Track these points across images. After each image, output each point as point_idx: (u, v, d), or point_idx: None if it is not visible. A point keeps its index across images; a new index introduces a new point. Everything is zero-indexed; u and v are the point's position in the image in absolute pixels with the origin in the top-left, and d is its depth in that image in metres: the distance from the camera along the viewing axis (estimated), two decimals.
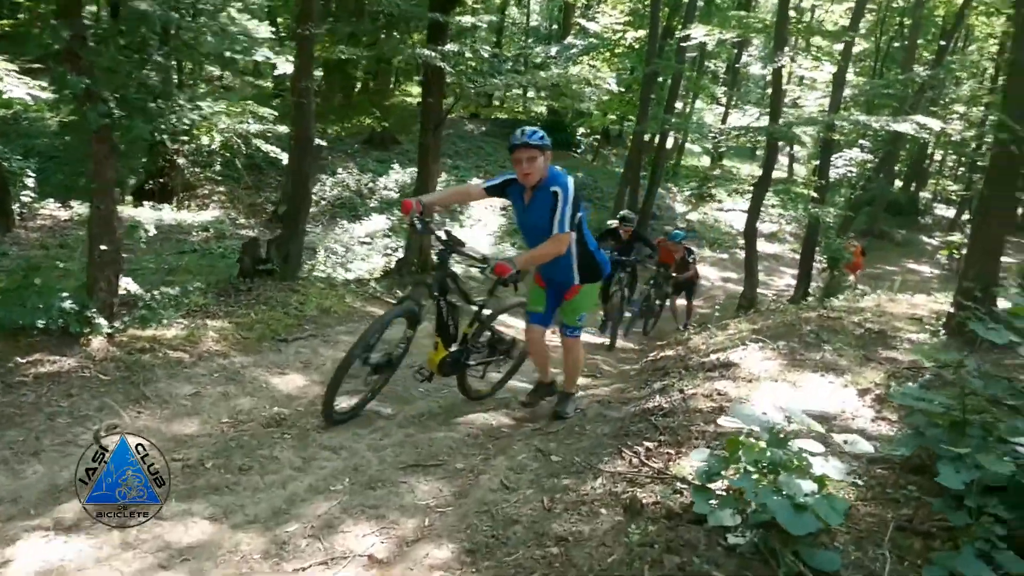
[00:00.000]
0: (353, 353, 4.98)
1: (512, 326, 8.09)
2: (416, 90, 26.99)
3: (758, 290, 16.64)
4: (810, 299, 17.49)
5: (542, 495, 3.99)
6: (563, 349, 5.90)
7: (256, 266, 7.76)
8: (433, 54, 9.43)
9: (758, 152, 49.08)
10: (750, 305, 13.73)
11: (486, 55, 10.77)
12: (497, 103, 30.16)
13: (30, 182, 17.12)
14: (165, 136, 18.56)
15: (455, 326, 5.71)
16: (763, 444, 3.29)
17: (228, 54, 7.50)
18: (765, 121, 19.88)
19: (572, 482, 4.13)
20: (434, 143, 11.59)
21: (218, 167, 22.26)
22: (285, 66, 13.17)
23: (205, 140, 20.34)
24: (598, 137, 32.95)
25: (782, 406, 4.39)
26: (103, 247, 5.52)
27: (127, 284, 6.22)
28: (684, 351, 8.44)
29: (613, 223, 12.02)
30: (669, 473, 4.04)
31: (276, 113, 17.24)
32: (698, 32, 15.31)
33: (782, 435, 3.32)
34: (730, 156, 38.04)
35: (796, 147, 30.45)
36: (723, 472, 3.39)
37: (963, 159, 39.41)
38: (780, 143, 16.34)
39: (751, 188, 15.72)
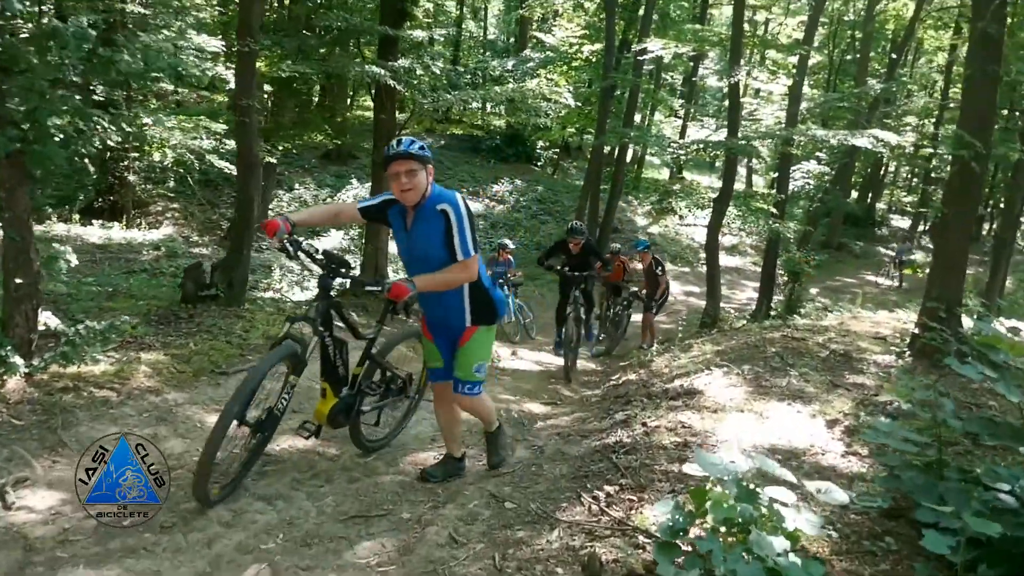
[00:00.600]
0: (227, 415, 4.03)
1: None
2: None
3: (721, 304, 16.54)
4: (772, 314, 17.52)
5: (494, 550, 3.66)
6: (465, 410, 4.92)
7: (199, 291, 7.35)
8: (383, 72, 9.10)
9: (717, 164, 49.75)
10: (713, 322, 13.54)
11: (438, 70, 10.44)
12: (455, 118, 29.89)
13: None
14: (108, 153, 18.12)
15: (344, 366, 4.80)
16: (731, 498, 3.00)
17: (181, 69, 7.10)
18: (723, 135, 19.92)
19: (527, 534, 3.81)
20: None
21: (172, 183, 21.76)
22: None
23: (157, 156, 19.87)
24: (557, 150, 32.83)
25: (750, 451, 4.13)
26: (18, 280, 5.08)
27: (47, 318, 5.77)
28: (647, 375, 8.18)
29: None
30: (631, 524, 3.74)
31: (228, 127, 16.81)
32: (654, 45, 15.15)
33: (751, 486, 3.04)
34: (689, 168, 38.18)
35: (754, 160, 30.65)
36: (689, 527, 3.10)
37: (916, 171, 40.16)
38: (740, 156, 16.23)
39: (711, 203, 15.53)
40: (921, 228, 39.36)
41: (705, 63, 34.12)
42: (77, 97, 4.97)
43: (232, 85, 13.32)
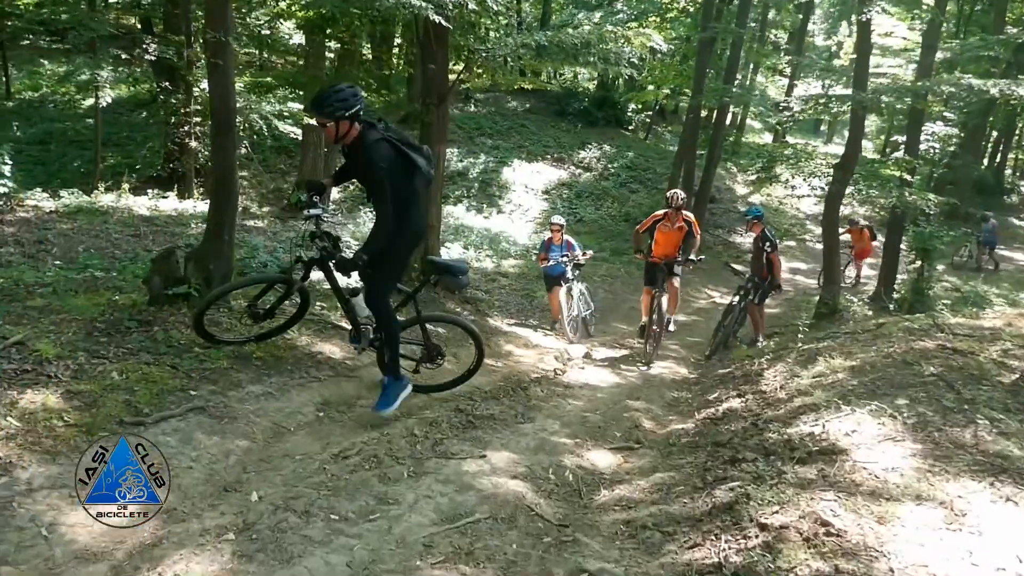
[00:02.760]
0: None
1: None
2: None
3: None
4: (896, 297, 14.98)
5: None
6: None
7: (167, 289, 5.68)
8: (424, 3, 7.18)
9: (822, 128, 45.89)
10: (832, 312, 11.23)
11: (496, 5, 8.43)
12: (526, 69, 27.22)
13: (6, 170, 15.47)
14: (172, 118, 16.93)
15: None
16: None
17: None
18: (840, 91, 17.18)
19: None
20: (439, 120, 9.32)
21: (243, 150, 20.62)
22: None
23: None
24: (650, 114, 30.30)
25: None
26: None
27: None
28: (755, 401, 6.11)
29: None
30: None
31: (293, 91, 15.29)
32: None
33: None
34: (792, 132, 34.90)
35: (868, 120, 27.28)
36: None
37: None
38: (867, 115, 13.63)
39: (828, 171, 13.05)
40: None
41: (814, 18, 30.90)
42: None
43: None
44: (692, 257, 9.63)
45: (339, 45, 12.20)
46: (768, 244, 10.26)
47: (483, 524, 3.69)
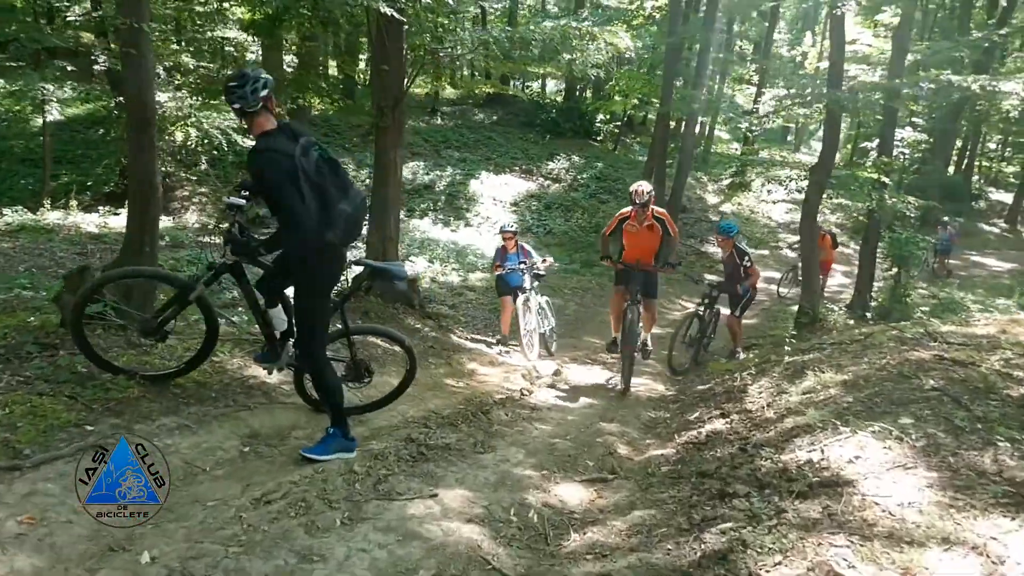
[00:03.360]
0: None
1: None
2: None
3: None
4: (873, 305, 14.56)
5: None
6: None
7: (80, 311, 4.95)
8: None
9: (789, 138, 45.79)
10: (812, 320, 10.72)
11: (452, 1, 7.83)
12: (484, 71, 26.27)
13: None
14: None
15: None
16: None
17: None
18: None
19: None
20: (394, 124, 8.68)
21: (202, 165, 19.88)
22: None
23: (180, 136, 17.89)
24: (619, 124, 29.89)
25: None
26: None
27: None
28: (742, 424, 5.53)
29: None
30: None
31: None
32: None
33: None
34: (760, 141, 34.63)
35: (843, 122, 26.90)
36: None
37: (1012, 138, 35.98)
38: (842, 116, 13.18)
39: (802, 176, 12.61)
40: None
41: (779, 27, 30.74)
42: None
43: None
44: (670, 261, 8.38)
45: (294, 53, 11.48)
46: (746, 259, 9.84)
47: None
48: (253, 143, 4.15)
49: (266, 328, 4.76)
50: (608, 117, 29.23)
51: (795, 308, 14.26)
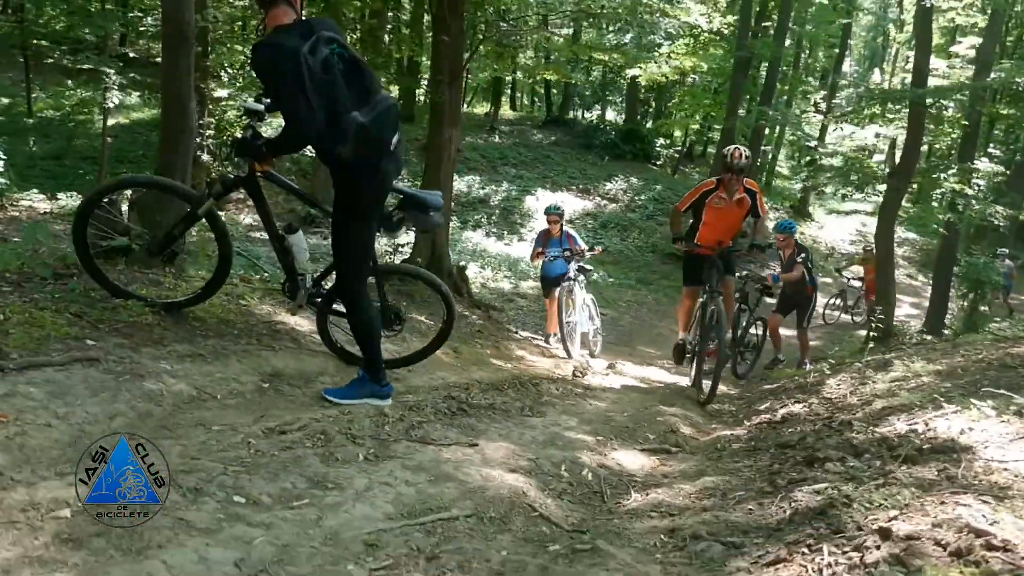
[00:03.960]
0: None
1: None
2: None
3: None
4: (946, 333, 13.69)
5: None
6: None
7: (103, 240, 4.55)
8: None
9: (853, 177, 44.46)
10: (887, 334, 9.98)
11: None
12: (539, 56, 25.10)
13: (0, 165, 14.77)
14: None
15: None
16: None
17: None
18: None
19: None
20: (451, 100, 8.31)
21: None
22: None
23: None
24: (679, 150, 29.34)
25: None
26: None
27: None
28: (824, 408, 4.92)
29: None
30: None
31: None
32: None
33: None
34: (823, 185, 33.44)
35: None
36: None
37: None
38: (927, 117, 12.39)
39: (882, 181, 11.90)
40: None
41: (849, 53, 29.93)
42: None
43: None
44: (759, 242, 6.73)
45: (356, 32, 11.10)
46: (804, 255, 9.14)
47: (461, 523, 2.53)
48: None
49: (285, 257, 4.31)
50: (669, 142, 28.72)
51: (861, 333, 13.52)
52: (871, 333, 10.31)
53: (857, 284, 16.05)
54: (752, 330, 8.93)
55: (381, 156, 3.64)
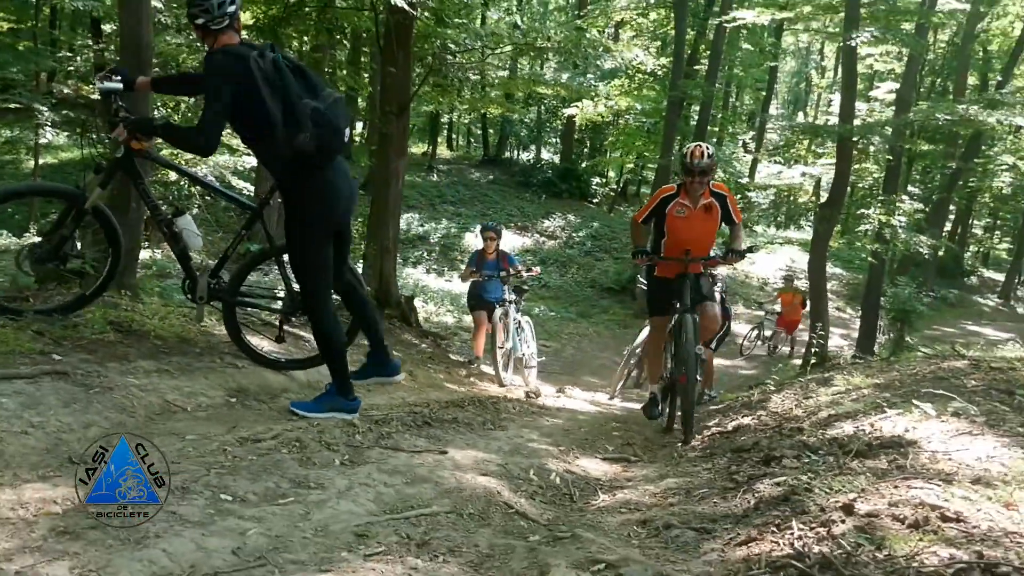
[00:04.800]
0: None
1: None
2: None
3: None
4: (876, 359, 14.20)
5: None
6: None
7: (60, 265, 4.33)
8: None
9: (779, 218, 45.78)
10: (822, 360, 10.34)
11: None
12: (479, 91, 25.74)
13: None
14: None
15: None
16: None
17: None
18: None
19: None
20: (399, 131, 8.43)
21: (195, 210, 19.63)
22: None
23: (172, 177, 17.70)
24: (614, 188, 30.00)
25: None
26: None
27: None
28: (772, 419, 5.11)
29: None
30: None
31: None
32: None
33: None
34: (754, 221, 34.48)
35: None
36: None
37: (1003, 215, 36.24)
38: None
39: (811, 211, 12.40)
40: (1018, 280, 35.21)
41: (775, 93, 31.16)
42: None
43: None
44: (740, 247, 5.60)
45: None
46: (720, 284, 8.07)
47: (443, 518, 2.59)
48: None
49: (175, 244, 4.10)
50: (604, 180, 29.34)
51: (793, 362, 13.93)
52: (811, 357, 10.64)
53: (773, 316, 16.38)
54: None
55: (338, 145, 3.67)
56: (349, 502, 2.57)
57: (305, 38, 9.59)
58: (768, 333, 16.78)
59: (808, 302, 15.54)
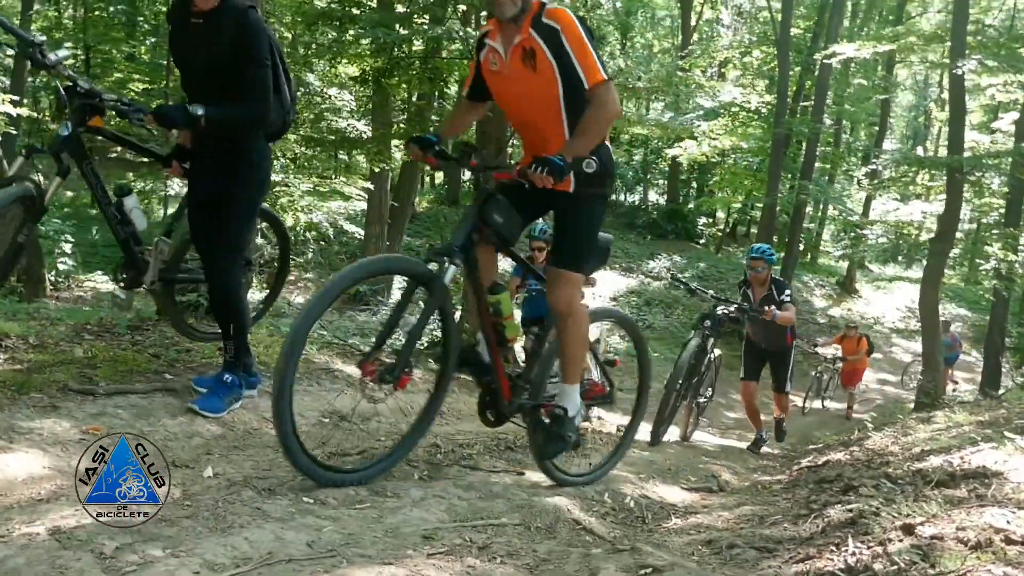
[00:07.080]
0: None
1: None
2: None
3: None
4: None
5: None
6: None
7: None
8: None
9: (900, 257, 43.69)
10: (932, 403, 9.90)
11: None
12: None
13: (67, 248, 15.57)
14: None
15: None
16: None
17: None
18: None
19: None
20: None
21: (310, 255, 20.50)
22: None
23: (290, 221, 18.53)
24: (722, 229, 29.65)
25: None
26: None
27: None
28: (865, 454, 5.00)
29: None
30: None
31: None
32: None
33: None
34: (868, 258, 33.16)
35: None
36: None
37: None
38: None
39: (923, 246, 12.00)
40: None
41: (890, 127, 30.18)
42: None
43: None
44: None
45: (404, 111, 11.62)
46: (787, 293, 6.87)
47: (510, 528, 2.72)
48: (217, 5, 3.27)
49: (125, 228, 3.62)
50: (711, 220, 29.04)
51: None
52: (922, 397, 10.21)
53: (831, 362, 13.84)
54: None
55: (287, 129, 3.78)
56: (422, 511, 2.73)
57: (408, 87, 10.04)
58: (826, 378, 14.36)
59: (872, 348, 14.00)
